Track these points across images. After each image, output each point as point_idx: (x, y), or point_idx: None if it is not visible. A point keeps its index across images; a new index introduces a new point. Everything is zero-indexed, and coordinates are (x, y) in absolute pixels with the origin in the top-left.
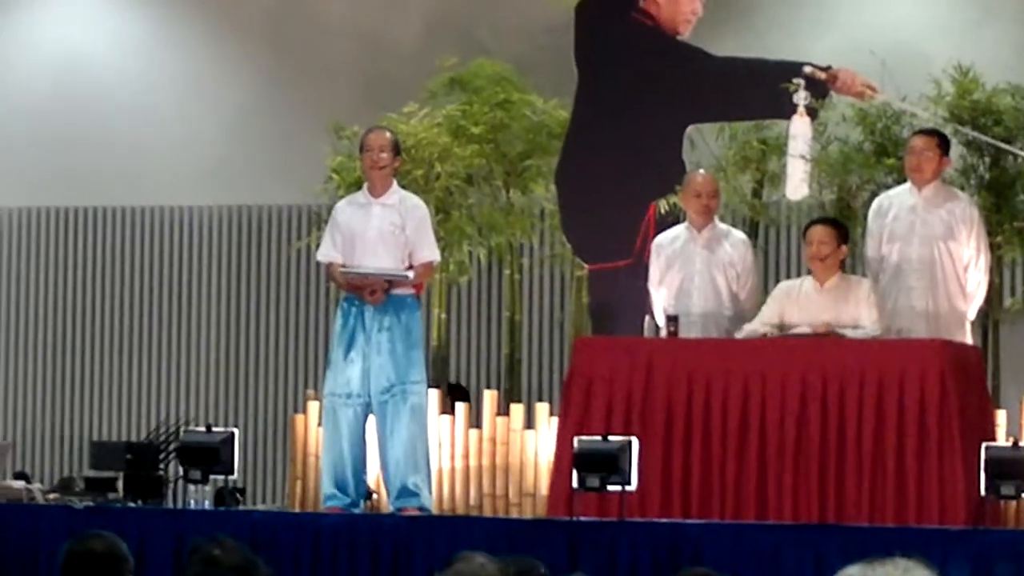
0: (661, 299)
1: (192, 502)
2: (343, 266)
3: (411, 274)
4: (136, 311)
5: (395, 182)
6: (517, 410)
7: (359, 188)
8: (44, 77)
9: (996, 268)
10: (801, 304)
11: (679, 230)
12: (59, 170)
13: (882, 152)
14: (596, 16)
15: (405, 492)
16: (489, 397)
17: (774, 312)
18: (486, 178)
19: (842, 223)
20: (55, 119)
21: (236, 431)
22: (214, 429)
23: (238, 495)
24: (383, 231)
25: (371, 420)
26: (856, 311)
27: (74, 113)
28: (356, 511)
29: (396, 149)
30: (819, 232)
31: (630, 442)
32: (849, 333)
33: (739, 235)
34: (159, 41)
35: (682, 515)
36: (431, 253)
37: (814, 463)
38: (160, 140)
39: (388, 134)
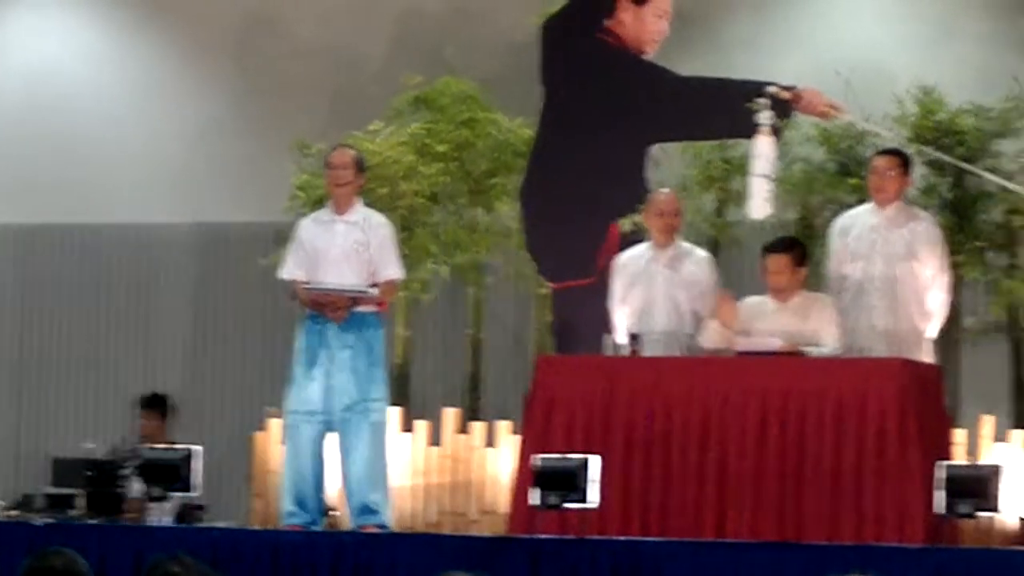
0: (623, 317)
1: (153, 519)
2: (306, 283)
3: (374, 291)
4: (98, 328)
5: (359, 200)
6: (478, 428)
7: (324, 206)
8: (8, 90)
9: (957, 288)
10: (764, 320)
11: (642, 249)
12: (22, 186)
13: (845, 172)
14: (562, 35)
15: (365, 509)
16: (450, 415)
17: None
18: (451, 196)
19: (798, 244)
20: (20, 133)
21: (197, 448)
22: (175, 446)
23: (199, 512)
24: (347, 249)
25: (332, 438)
26: (817, 327)
27: (38, 128)
28: (316, 528)
29: (359, 167)
30: (772, 262)
31: (590, 460)
32: (812, 351)
33: (702, 254)
34: (125, 57)
35: (642, 533)
36: (395, 271)
37: (773, 481)
38: (124, 156)
39: (351, 152)
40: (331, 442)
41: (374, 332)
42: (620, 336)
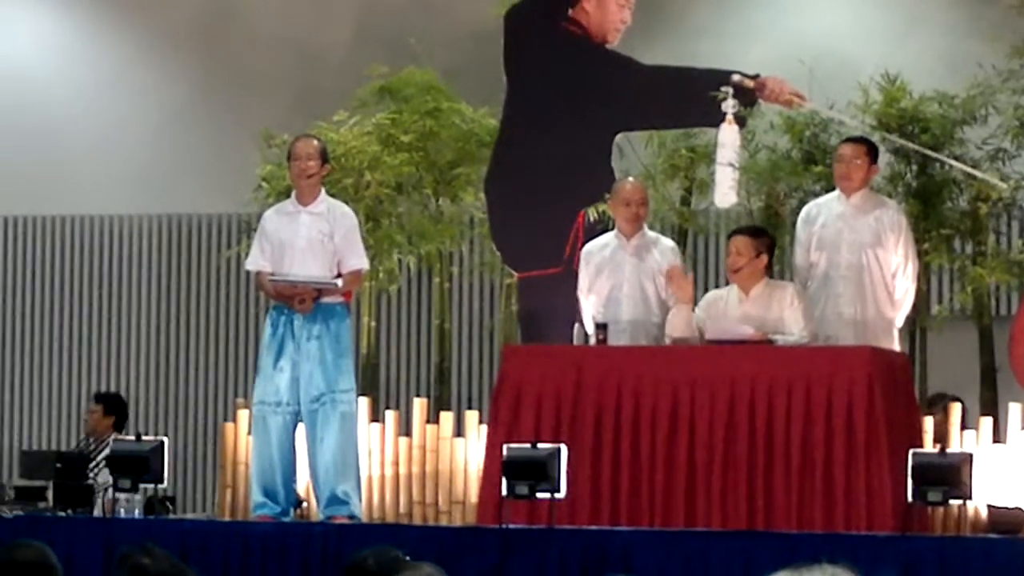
0: (590, 307)
1: (122, 511)
2: (272, 275)
3: (340, 282)
4: (66, 320)
5: (323, 190)
6: (447, 418)
7: (289, 197)
8: None
9: (923, 275)
10: (727, 314)
11: (608, 238)
12: None
13: (810, 160)
14: (525, 25)
15: (335, 500)
16: (419, 405)
17: (700, 320)
18: (416, 186)
19: (763, 231)
20: None
21: (166, 440)
22: (144, 438)
23: (168, 504)
24: (312, 239)
25: (300, 428)
26: (780, 316)
27: (2, 120)
28: (286, 519)
29: (324, 157)
30: (735, 243)
31: (559, 449)
32: (779, 340)
33: (668, 243)
34: (90, 49)
35: (611, 522)
36: (359, 261)
37: (743, 470)
38: (89, 148)
39: (315, 142)
40: (300, 433)
41: (340, 322)
42: (588, 325)
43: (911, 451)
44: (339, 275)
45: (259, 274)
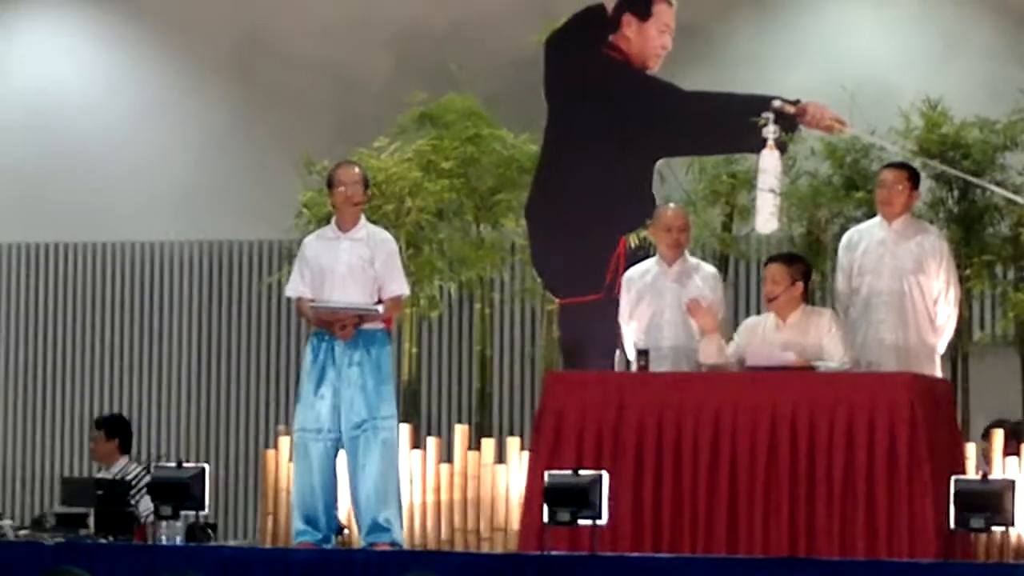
0: (632, 333)
1: (163, 538)
2: (312, 301)
3: (380, 308)
4: (107, 347)
5: (363, 217)
6: (488, 444)
7: (329, 223)
8: (14, 109)
9: (965, 301)
10: (765, 340)
11: (649, 264)
12: (29, 205)
13: (851, 186)
14: (566, 51)
15: (376, 527)
16: (460, 431)
17: (740, 348)
18: (456, 212)
19: (799, 258)
20: (24, 153)
21: (207, 466)
22: (185, 465)
23: (209, 531)
24: (353, 265)
25: (341, 455)
26: (818, 343)
27: (44, 147)
28: (328, 546)
29: (366, 183)
30: (770, 271)
31: (601, 476)
32: (820, 366)
33: (709, 269)
34: (130, 76)
35: (653, 549)
36: (400, 287)
37: (785, 496)
38: (129, 175)
39: (357, 169)
40: (341, 460)
41: (381, 349)
42: (629, 352)
43: (953, 477)
44: (379, 301)
45: (299, 300)
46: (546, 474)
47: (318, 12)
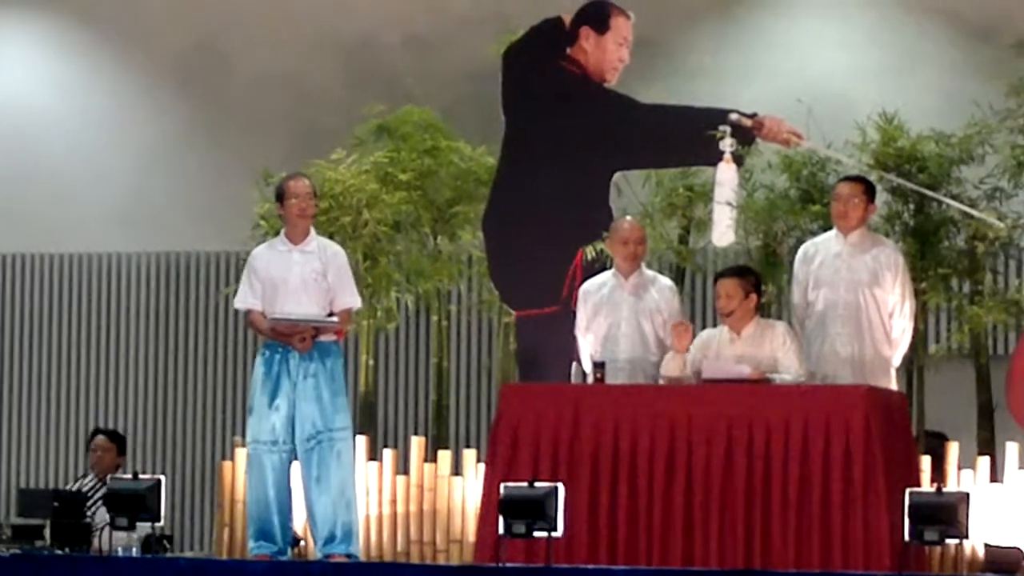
0: (588, 345)
1: (119, 549)
2: (263, 313)
3: (336, 320)
4: (63, 358)
5: (312, 229)
6: (444, 456)
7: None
8: None
9: (920, 314)
10: (719, 353)
11: (606, 276)
12: None
13: (808, 199)
14: (523, 63)
15: (332, 539)
16: (416, 443)
17: (695, 361)
18: (414, 225)
19: (749, 270)
20: None
21: (163, 478)
22: (141, 476)
23: (165, 542)
24: (306, 278)
25: (295, 467)
26: (773, 356)
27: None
28: (283, 559)
29: (316, 196)
30: (724, 286)
31: (557, 488)
32: (776, 379)
33: (666, 281)
34: (86, 86)
35: (609, 561)
36: (352, 299)
37: (740, 509)
38: (85, 186)
39: (308, 181)
40: (295, 472)
41: (335, 360)
42: (586, 364)
43: (908, 490)
44: (331, 313)
45: (250, 312)
46: (502, 486)
47: (276, 24)
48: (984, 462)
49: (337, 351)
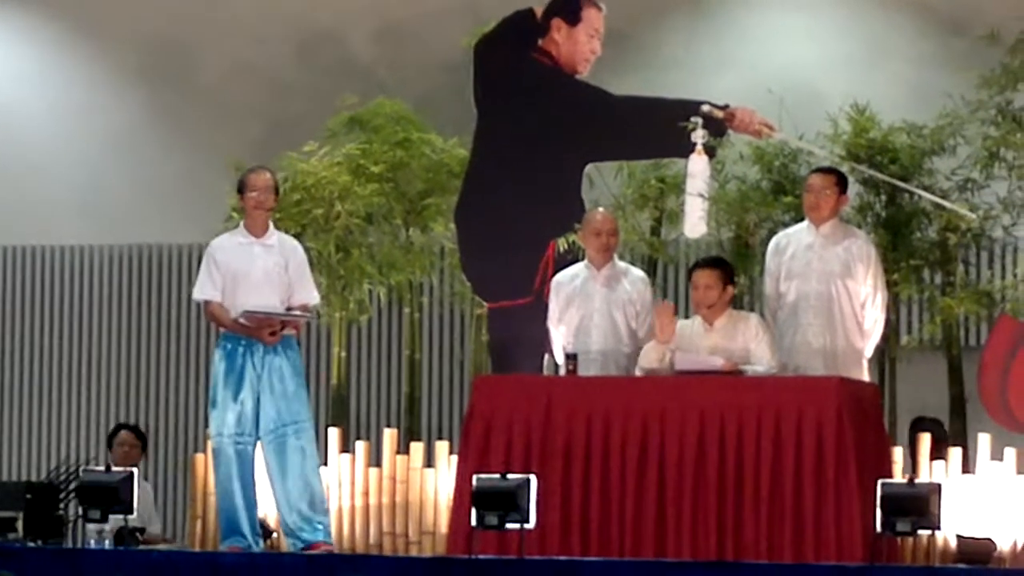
0: (560, 337)
1: (92, 542)
2: (222, 306)
3: (308, 314)
4: (36, 350)
5: (271, 223)
6: (417, 448)
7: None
8: None
9: (892, 306)
10: (692, 344)
11: (578, 268)
12: None
13: (779, 190)
14: (495, 55)
15: (302, 530)
16: (389, 435)
17: (668, 352)
18: (386, 216)
19: (726, 262)
20: None
21: (135, 471)
22: (113, 469)
23: (138, 535)
24: (269, 271)
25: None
26: (745, 348)
27: None
28: (256, 551)
29: (277, 190)
30: (703, 276)
31: (529, 480)
32: (748, 371)
33: (638, 273)
34: (55, 79)
35: (581, 553)
36: (311, 295)
37: (712, 500)
38: (53, 177)
39: (269, 175)
40: (260, 464)
41: (296, 353)
42: (557, 355)
43: (880, 481)
44: (288, 307)
45: (209, 304)
46: (474, 478)
47: (248, 15)
48: (956, 453)
49: (296, 344)
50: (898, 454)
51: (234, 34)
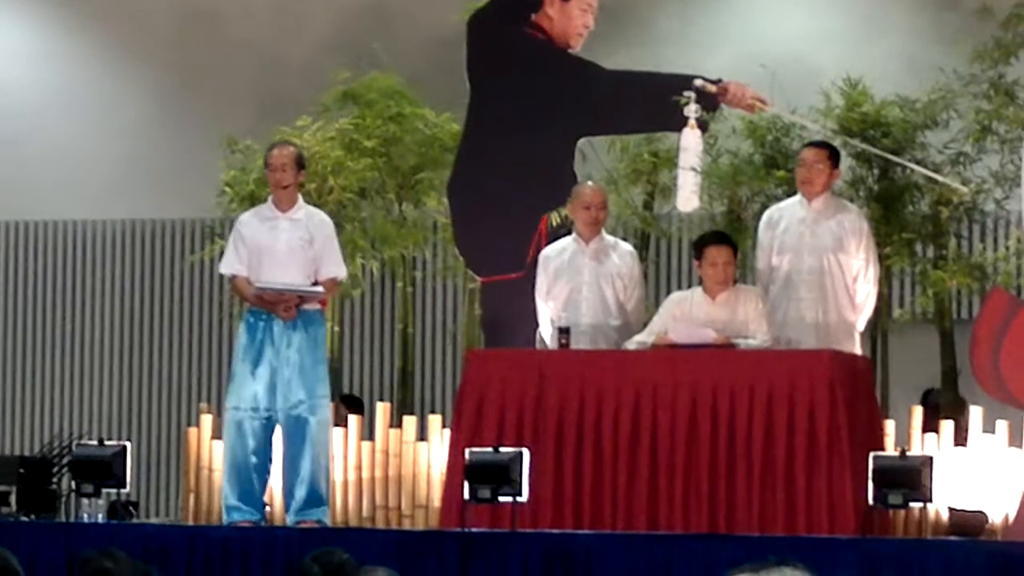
0: (548, 311)
1: (85, 516)
2: (248, 280)
3: (322, 290)
4: (29, 325)
5: (300, 197)
6: (410, 422)
7: (252, 202)
8: None
9: (885, 279)
10: (692, 316)
11: (567, 242)
12: None
13: (772, 164)
14: (488, 30)
15: (308, 504)
16: (382, 409)
17: (664, 323)
18: (379, 191)
19: (731, 237)
20: None
21: (129, 444)
22: (107, 443)
23: (131, 508)
24: (292, 246)
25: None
26: (745, 319)
27: None
28: (263, 524)
29: (300, 164)
30: (721, 254)
31: (522, 453)
32: (741, 344)
33: (626, 247)
34: (54, 55)
35: (574, 526)
36: (338, 269)
37: (705, 473)
38: (53, 154)
39: (290, 149)
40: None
41: (319, 329)
42: (545, 329)
43: (872, 454)
44: (315, 282)
45: (235, 278)
46: (467, 451)
47: None
48: (948, 426)
49: (320, 320)
50: (890, 427)
51: (227, 11)
